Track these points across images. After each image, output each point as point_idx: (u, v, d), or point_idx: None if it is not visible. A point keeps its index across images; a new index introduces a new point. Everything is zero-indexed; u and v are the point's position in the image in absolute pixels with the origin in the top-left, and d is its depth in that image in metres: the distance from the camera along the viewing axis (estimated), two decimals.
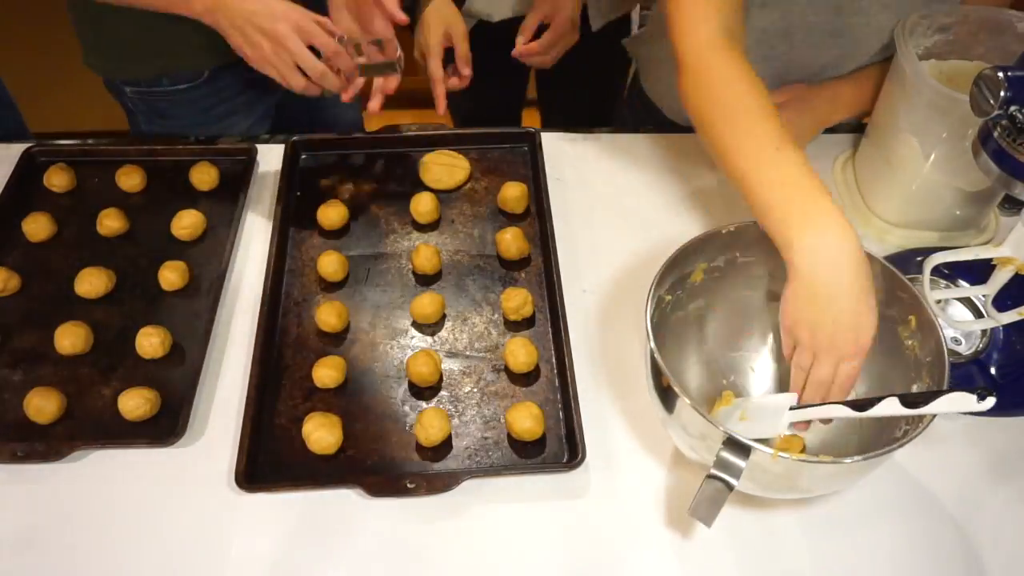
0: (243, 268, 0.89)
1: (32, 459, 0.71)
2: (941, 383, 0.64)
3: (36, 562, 0.67)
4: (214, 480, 0.72)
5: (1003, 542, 0.70)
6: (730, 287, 0.77)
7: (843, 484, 0.69)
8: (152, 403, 0.75)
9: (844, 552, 0.69)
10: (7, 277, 0.84)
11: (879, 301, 0.65)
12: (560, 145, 1.04)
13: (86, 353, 0.80)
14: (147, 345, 0.79)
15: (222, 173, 0.97)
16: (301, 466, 0.73)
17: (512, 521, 0.70)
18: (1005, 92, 0.64)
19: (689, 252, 0.72)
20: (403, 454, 0.74)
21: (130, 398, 0.74)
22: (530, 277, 0.88)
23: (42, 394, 0.74)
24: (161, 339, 0.79)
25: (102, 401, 0.77)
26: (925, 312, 0.67)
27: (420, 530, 0.69)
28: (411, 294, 0.86)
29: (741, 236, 0.73)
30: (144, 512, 0.70)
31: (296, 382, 0.79)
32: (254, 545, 0.68)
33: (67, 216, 0.93)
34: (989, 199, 0.90)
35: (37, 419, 0.74)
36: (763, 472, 0.61)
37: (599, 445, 0.74)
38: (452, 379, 0.79)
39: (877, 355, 0.67)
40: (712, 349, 0.79)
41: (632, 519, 0.71)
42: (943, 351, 0.65)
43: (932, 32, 0.86)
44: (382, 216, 0.95)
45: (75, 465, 0.73)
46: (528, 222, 0.94)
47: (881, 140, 0.92)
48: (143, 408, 0.74)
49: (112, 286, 0.85)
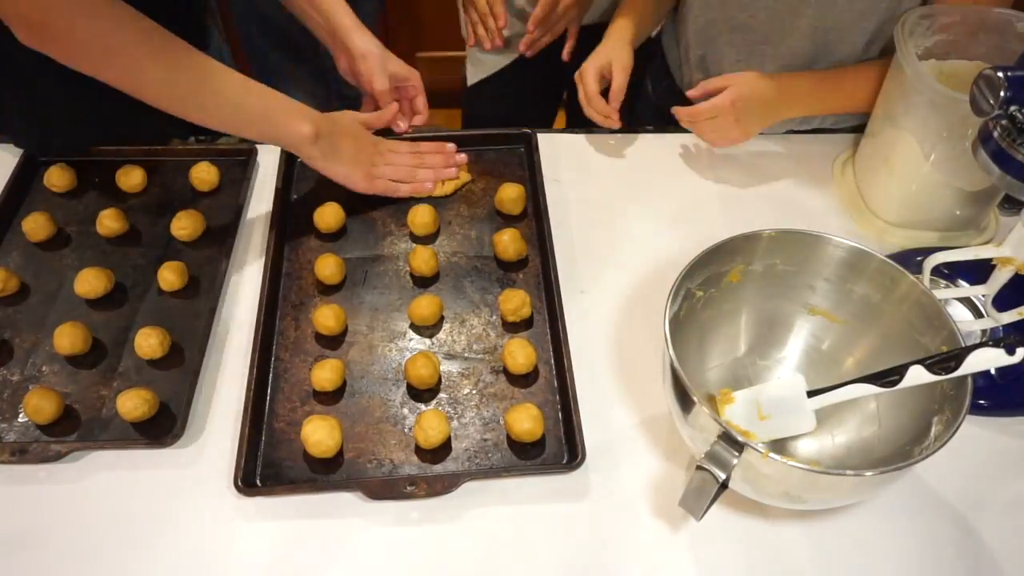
0: (242, 269, 0.89)
1: (30, 459, 0.71)
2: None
3: (34, 563, 0.67)
4: (213, 481, 0.72)
5: (1004, 542, 0.70)
6: (767, 295, 0.76)
7: (843, 499, 0.67)
8: (151, 404, 0.74)
9: (844, 552, 0.69)
10: (6, 277, 0.84)
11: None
12: (557, 145, 1.04)
13: (85, 353, 0.80)
14: (146, 346, 0.79)
15: (222, 173, 0.97)
16: (300, 469, 0.73)
17: (512, 523, 0.70)
18: (1005, 92, 0.64)
19: (725, 251, 0.71)
20: (402, 457, 0.74)
21: (128, 399, 0.74)
22: (528, 278, 0.88)
23: (41, 394, 0.74)
24: (160, 340, 0.79)
25: (100, 402, 0.77)
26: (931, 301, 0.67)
27: (420, 533, 0.69)
28: (409, 296, 0.85)
29: (783, 244, 0.73)
30: (143, 513, 0.70)
31: (294, 385, 0.79)
32: (254, 548, 0.68)
33: (67, 216, 0.93)
34: (989, 199, 0.90)
35: (35, 419, 0.74)
36: (756, 473, 0.61)
37: (598, 446, 0.74)
38: (451, 381, 0.79)
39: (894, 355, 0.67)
40: (740, 354, 0.78)
41: (632, 520, 0.71)
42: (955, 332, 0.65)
43: (932, 32, 0.86)
44: (379, 218, 0.95)
45: (73, 466, 0.73)
46: (525, 223, 0.94)
47: (881, 140, 0.91)
48: (141, 409, 0.74)
49: (111, 287, 0.85)
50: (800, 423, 0.69)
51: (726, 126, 0.96)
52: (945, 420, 0.62)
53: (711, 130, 0.97)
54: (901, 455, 0.65)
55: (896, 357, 0.65)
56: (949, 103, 0.78)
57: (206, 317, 0.82)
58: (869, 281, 0.72)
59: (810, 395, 0.68)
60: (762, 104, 0.96)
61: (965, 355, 0.58)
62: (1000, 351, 0.57)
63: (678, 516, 0.70)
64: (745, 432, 0.68)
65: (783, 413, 0.69)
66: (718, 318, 0.76)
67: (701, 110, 0.95)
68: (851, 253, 0.72)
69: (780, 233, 0.72)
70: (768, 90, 0.95)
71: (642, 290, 0.88)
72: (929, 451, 0.59)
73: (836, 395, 0.66)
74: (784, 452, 0.72)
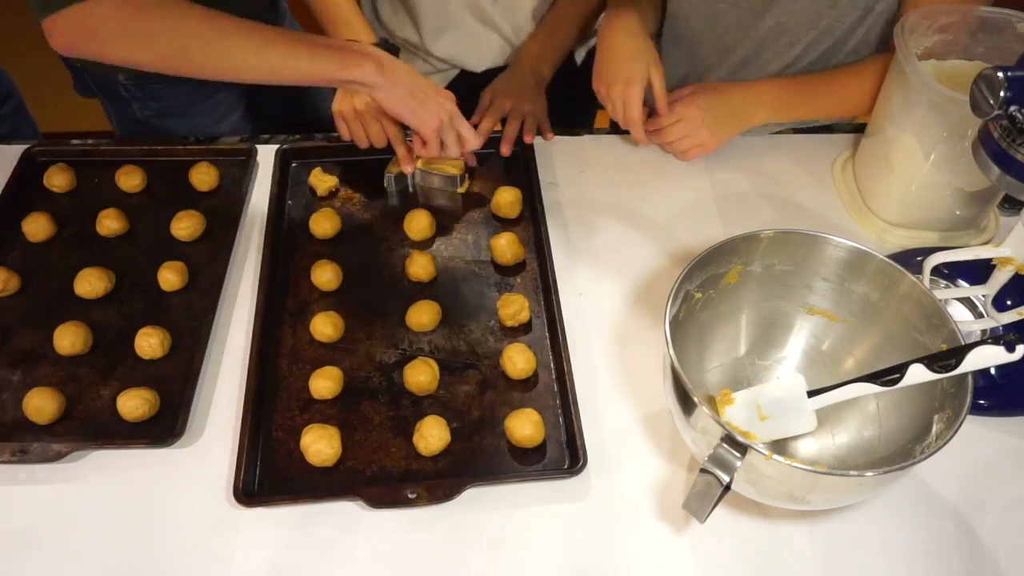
0: (243, 269, 0.89)
1: (31, 459, 0.71)
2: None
3: (35, 562, 0.67)
4: (213, 481, 0.72)
5: (1004, 542, 0.70)
6: (765, 295, 0.76)
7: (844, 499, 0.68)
8: (151, 404, 0.75)
9: (845, 552, 0.69)
10: (7, 277, 0.84)
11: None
12: (553, 148, 1.03)
13: (85, 353, 0.80)
14: (146, 346, 0.79)
15: (222, 173, 0.97)
16: (300, 478, 0.72)
17: (514, 528, 0.70)
18: (1005, 92, 0.64)
19: (725, 252, 0.71)
20: (403, 464, 0.73)
21: (129, 399, 0.74)
22: (526, 282, 0.88)
23: (41, 394, 0.74)
24: (160, 340, 0.79)
25: (101, 402, 0.77)
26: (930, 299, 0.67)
27: (422, 540, 0.69)
28: (407, 302, 0.85)
29: (783, 244, 0.73)
30: (143, 513, 0.70)
31: (293, 393, 0.78)
32: (254, 557, 0.68)
33: (67, 216, 0.93)
34: (989, 199, 0.90)
35: (36, 419, 0.74)
36: (759, 474, 0.61)
37: (599, 449, 0.74)
38: (450, 387, 0.79)
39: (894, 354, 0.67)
40: (740, 355, 0.78)
41: (635, 523, 0.70)
42: (955, 332, 0.65)
43: (932, 32, 0.86)
44: (375, 224, 0.94)
45: (74, 466, 0.73)
46: (523, 227, 0.93)
47: (881, 140, 0.91)
48: (142, 409, 0.74)
49: (111, 286, 0.85)
50: (800, 423, 0.69)
51: (693, 129, 0.94)
52: (946, 419, 0.62)
53: (679, 135, 0.96)
54: (902, 454, 0.65)
55: (896, 357, 0.65)
56: (949, 103, 0.78)
57: (206, 316, 0.82)
58: (869, 281, 0.72)
59: (810, 395, 0.68)
60: (728, 109, 0.95)
61: (965, 353, 0.58)
62: (1000, 348, 0.57)
63: (680, 518, 0.70)
64: (746, 433, 0.68)
65: (783, 413, 0.69)
66: (717, 319, 0.76)
67: (664, 117, 0.94)
68: (851, 253, 0.72)
69: (779, 234, 0.72)
70: (733, 95, 0.95)
71: (641, 292, 0.88)
72: (931, 450, 0.59)
73: (836, 395, 0.66)
74: (784, 453, 0.72)
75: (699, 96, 0.95)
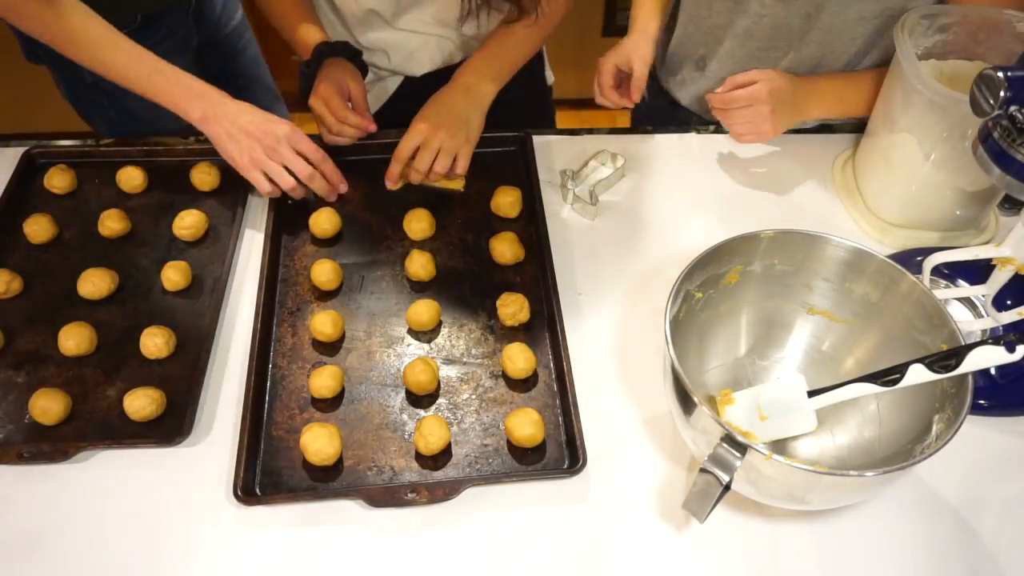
0: (246, 267, 0.90)
1: (38, 460, 0.72)
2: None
3: (44, 562, 0.68)
4: (221, 480, 0.72)
5: (1004, 542, 0.70)
6: (765, 295, 0.76)
7: (844, 499, 0.68)
8: (158, 403, 0.75)
9: (845, 551, 0.69)
10: (9, 279, 0.85)
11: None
12: (552, 147, 1.03)
13: (90, 354, 0.80)
14: (151, 345, 0.79)
15: (223, 173, 0.97)
16: (300, 477, 0.73)
17: (514, 528, 0.70)
18: (1005, 92, 0.64)
19: (725, 252, 0.71)
20: (403, 463, 0.74)
21: (136, 398, 0.74)
22: (525, 282, 0.88)
23: (47, 395, 0.75)
24: (165, 339, 0.79)
25: (107, 402, 0.77)
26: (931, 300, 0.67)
27: (421, 539, 0.69)
28: (406, 301, 0.85)
29: (783, 244, 0.73)
30: (151, 512, 0.70)
31: (292, 392, 0.78)
32: (255, 551, 0.68)
33: (68, 217, 0.93)
34: (989, 199, 0.90)
35: (43, 420, 0.74)
36: (759, 474, 0.61)
37: (599, 448, 0.74)
38: (450, 386, 0.79)
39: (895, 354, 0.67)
40: (740, 355, 0.79)
41: (634, 523, 0.71)
42: (955, 332, 0.65)
43: (932, 32, 0.86)
44: (375, 223, 0.94)
45: (81, 466, 0.73)
46: (522, 226, 0.93)
47: (881, 140, 0.92)
48: (149, 408, 0.74)
49: (115, 287, 0.86)
50: (801, 423, 0.69)
51: (760, 117, 0.92)
52: (946, 419, 0.63)
53: (744, 120, 0.93)
54: (902, 454, 0.65)
55: (896, 357, 0.65)
56: (949, 103, 0.78)
57: (210, 315, 0.83)
58: (869, 281, 0.72)
59: (810, 395, 0.68)
60: (791, 101, 0.94)
61: (965, 353, 0.58)
62: (1000, 348, 0.57)
63: (680, 518, 0.71)
64: (746, 433, 0.69)
65: (783, 413, 0.69)
66: (718, 319, 0.76)
67: (737, 96, 0.91)
68: (851, 253, 0.72)
69: (779, 233, 0.72)
70: (795, 89, 0.94)
71: (641, 292, 0.88)
72: (931, 450, 0.59)
73: (837, 395, 0.66)
74: (785, 453, 0.72)
75: (773, 83, 0.91)
